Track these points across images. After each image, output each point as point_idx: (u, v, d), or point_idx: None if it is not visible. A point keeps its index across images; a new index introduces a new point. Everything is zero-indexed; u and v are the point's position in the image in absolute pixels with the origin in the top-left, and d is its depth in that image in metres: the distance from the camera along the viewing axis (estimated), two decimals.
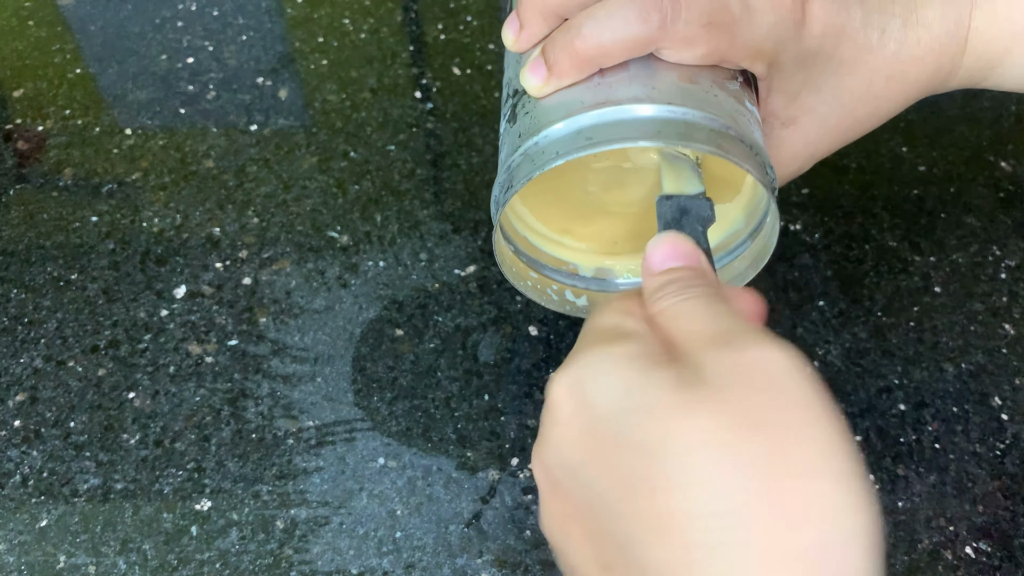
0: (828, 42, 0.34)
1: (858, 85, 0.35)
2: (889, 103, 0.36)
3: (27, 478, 0.40)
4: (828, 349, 0.44)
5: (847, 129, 0.36)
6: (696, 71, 0.31)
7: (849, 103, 0.35)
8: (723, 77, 0.32)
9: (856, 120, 0.36)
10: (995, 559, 0.38)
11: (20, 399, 0.43)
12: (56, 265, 0.47)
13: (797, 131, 0.36)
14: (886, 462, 0.41)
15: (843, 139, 0.37)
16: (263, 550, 0.38)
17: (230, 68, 0.57)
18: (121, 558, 0.38)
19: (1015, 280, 0.47)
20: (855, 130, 0.37)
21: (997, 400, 0.43)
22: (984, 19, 0.35)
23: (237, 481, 0.40)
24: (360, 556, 0.38)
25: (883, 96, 0.36)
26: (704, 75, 0.31)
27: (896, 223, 0.49)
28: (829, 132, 0.36)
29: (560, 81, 0.31)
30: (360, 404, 0.42)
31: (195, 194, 0.50)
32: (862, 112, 0.36)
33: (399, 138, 0.53)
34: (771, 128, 0.36)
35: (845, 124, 0.36)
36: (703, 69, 0.32)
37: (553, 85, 0.31)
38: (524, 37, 0.33)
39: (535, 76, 0.32)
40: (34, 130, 0.54)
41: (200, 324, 0.45)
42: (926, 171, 0.52)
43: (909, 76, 0.36)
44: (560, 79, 0.31)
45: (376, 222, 0.49)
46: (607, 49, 0.30)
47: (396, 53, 0.58)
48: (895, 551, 0.38)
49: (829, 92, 0.35)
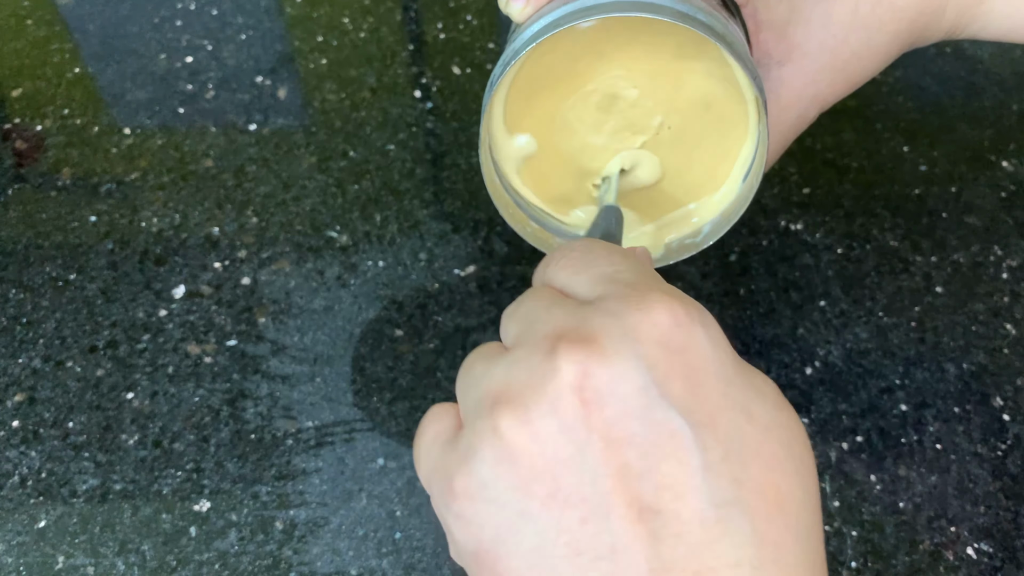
0: None
1: (844, 12, 0.35)
2: (881, 33, 0.36)
3: (25, 479, 0.40)
4: (829, 349, 0.44)
5: (845, 65, 0.36)
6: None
7: (839, 33, 0.35)
8: (712, 3, 0.33)
9: (853, 53, 0.36)
10: (997, 560, 0.38)
11: (19, 399, 0.42)
12: (55, 265, 0.47)
13: (794, 68, 0.36)
14: (887, 462, 0.40)
15: (844, 78, 0.37)
16: (262, 551, 0.38)
17: (229, 67, 0.57)
18: (120, 559, 0.38)
19: (1017, 280, 0.47)
20: (855, 67, 0.36)
21: (999, 400, 0.42)
22: None
23: (236, 482, 0.40)
24: (359, 557, 0.38)
25: (872, 25, 0.35)
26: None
27: (897, 223, 0.49)
28: (827, 68, 0.36)
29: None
30: (359, 405, 0.42)
31: (194, 194, 0.50)
32: (856, 43, 0.36)
33: (399, 137, 0.53)
34: (767, 69, 0.36)
35: (841, 59, 0.36)
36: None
37: (534, 4, 0.32)
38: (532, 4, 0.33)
39: (517, 1, 0.33)
40: (32, 130, 0.54)
41: (199, 324, 0.45)
42: (927, 171, 0.52)
43: (897, 2, 0.35)
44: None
45: (376, 222, 0.49)
46: None
47: (396, 52, 0.58)
48: (896, 552, 0.38)
49: (817, 22, 0.35)
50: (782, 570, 0.21)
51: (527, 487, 0.21)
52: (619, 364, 0.21)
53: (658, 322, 0.22)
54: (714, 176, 0.36)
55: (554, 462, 0.21)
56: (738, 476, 0.21)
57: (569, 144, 0.36)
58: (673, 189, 0.36)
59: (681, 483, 0.21)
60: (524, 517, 0.21)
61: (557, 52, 0.33)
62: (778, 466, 0.21)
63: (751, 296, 0.46)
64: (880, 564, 0.38)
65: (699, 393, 0.22)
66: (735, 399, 0.22)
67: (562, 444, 0.21)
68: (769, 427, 0.22)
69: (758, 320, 0.45)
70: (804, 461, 0.22)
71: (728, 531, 0.20)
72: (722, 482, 0.21)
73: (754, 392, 0.22)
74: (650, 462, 0.21)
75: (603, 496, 0.21)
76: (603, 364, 0.21)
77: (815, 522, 0.22)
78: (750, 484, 0.21)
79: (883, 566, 0.38)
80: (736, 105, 0.34)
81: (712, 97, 0.34)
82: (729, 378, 0.22)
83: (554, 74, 0.34)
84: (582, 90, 0.34)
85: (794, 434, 0.22)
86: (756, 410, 0.22)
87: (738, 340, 0.44)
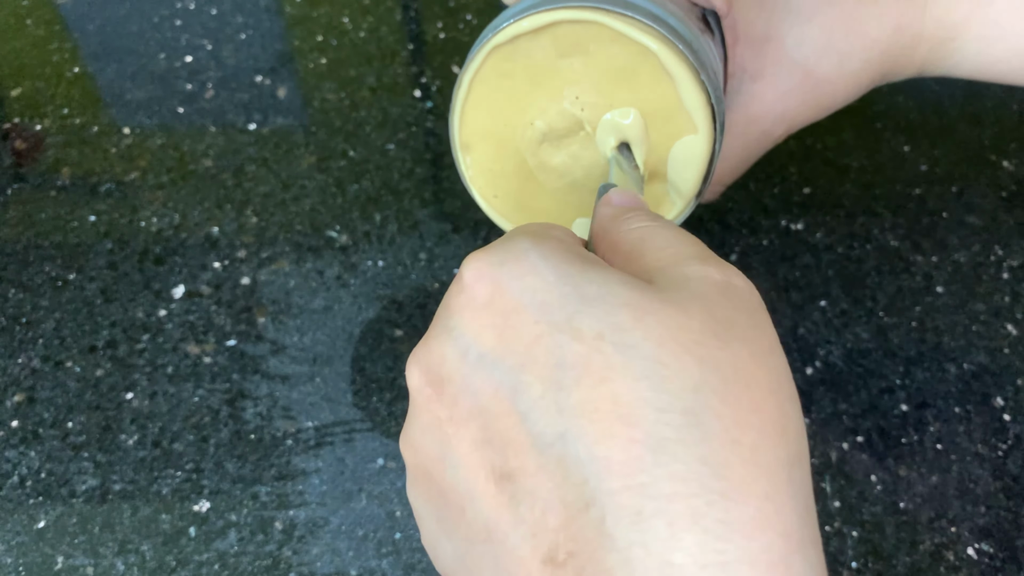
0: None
1: (818, 36, 0.36)
2: (852, 61, 0.36)
3: (25, 479, 0.40)
4: (830, 349, 0.44)
5: (815, 87, 0.37)
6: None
7: (812, 56, 0.36)
8: (691, 13, 0.33)
9: (823, 77, 0.36)
10: (997, 560, 0.38)
11: (18, 399, 0.42)
12: (54, 265, 0.47)
13: (765, 84, 0.36)
14: (888, 462, 0.40)
15: (814, 100, 0.37)
16: (262, 551, 0.38)
17: (228, 67, 0.57)
18: (119, 559, 0.38)
19: (1017, 280, 0.47)
20: (825, 91, 0.37)
21: (999, 401, 0.42)
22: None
23: (236, 482, 0.40)
24: (359, 557, 0.38)
25: (845, 52, 0.36)
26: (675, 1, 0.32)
27: (898, 223, 0.49)
28: (797, 88, 0.37)
29: None
30: (359, 405, 0.42)
31: (193, 193, 0.50)
32: (827, 68, 0.36)
33: (398, 137, 0.53)
34: (740, 83, 0.37)
35: (812, 81, 0.36)
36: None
37: None
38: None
39: None
40: (32, 129, 0.54)
41: (198, 324, 0.45)
42: (928, 170, 0.52)
43: (870, 32, 0.36)
44: None
45: (375, 222, 0.49)
46: None
47: (395, 52, 0.58)
48: (897, 552, 0.38)
49: (791, 43, 0.36)
50: (636, 493, 0.18)
51: (428, 496, 0.22)
52: (438, 348, 0.22)
53: (464, 285, 0.22)
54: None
55: (430, 464, 0.22)
56: (562, 405, 0.19)
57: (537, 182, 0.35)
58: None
59: (514, 438, 0.20)
60: (440, 524, 0.22)
61: (514, 75, 0.32)
62: (613, 374, 0.19)
63: None
64: (880, 564, 0.38)
65: (510, 335, 0.20)
66: (554, 321, 0.20)
67: (429, 444, 0.22)
68: (601, 335, 0.19)
69: None
70: (654, 355, 0.19)
71: (566, 467, 0.19)
72: (548, 418, 0.19)
73: (583, 303, 0.20)
74: (488, 427, 0.20)
75: (467, 480, 0.20)
76: (429, 352, 0.22)
77: (685, 424, 0.19)
78: (579, 407, 0.19)
79: (883, 566, 0.37)
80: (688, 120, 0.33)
81: (668, 110, 0.33)
82: (547, 302, 0.20)
83: (506, 101, 0.33)
84: (530, 123, 0.33)
85: (636, 328, 0.20)
86: (584, 322, 0.20)
87: None
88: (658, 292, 0.21)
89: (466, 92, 0.32)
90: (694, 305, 0.20)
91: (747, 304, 0.21)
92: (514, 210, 0.35)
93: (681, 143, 0.32)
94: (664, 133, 0.32)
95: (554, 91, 0.32)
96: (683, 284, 0.21)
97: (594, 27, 0.30)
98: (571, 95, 0.32)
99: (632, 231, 0.24)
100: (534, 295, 0.21)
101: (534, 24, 0.30)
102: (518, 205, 0.35)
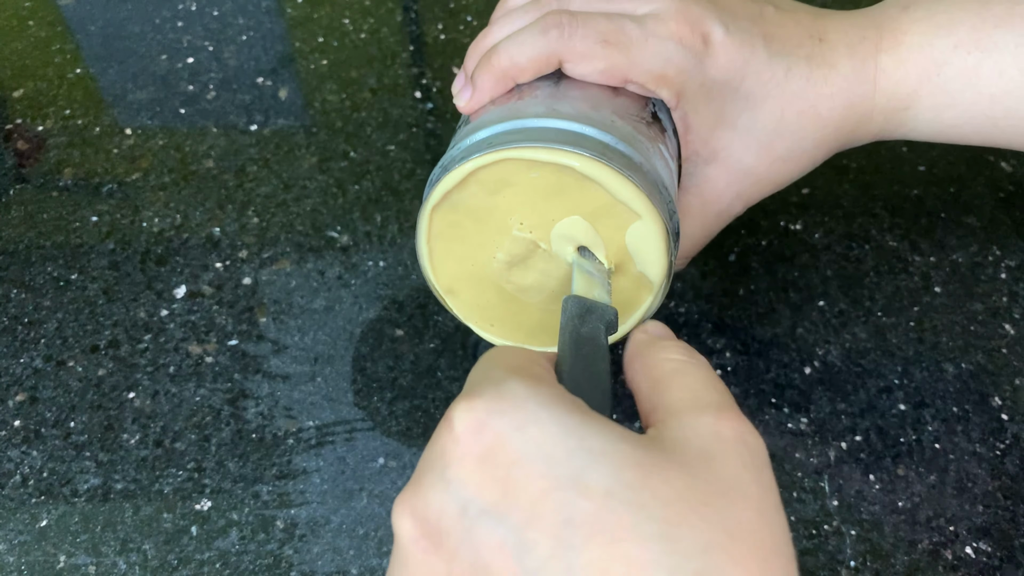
0: (734, 75, 0.35)
1: (769, 119, 0.36)
2: (805, 141, 0.37)
3: (27, 478, 0.40)
4: (828, 349, 0.44)
5: (769, 167, 0.37)
6: (599, 100, 0.34)
7: (763, 139, 0.37)
8: (630, 111, 0.34)
9: (777, 157, 0.37)
10: (995, 559, 0.38)
11: (20, 399, 0.43)
12: (56, 265, 0.47)
13: (719, 167, 0.37)
14: (886, 462, 0.41)
15: (769, 179, 0.38)
16: (263, 550, 0.38)
17: (230, 68, 0.57)
18: (121, 558, 0.38)
19: (1015, 280, 0.47)
20: (779, 169, 0.38)
21: (997, 400, 0.43)
22: (890, 61, 0.37)
23: (237, 481, 0.40)
24: (360, 556, 0.38)
25: (797, 133, 0.37)
26: (606, 105, 0.34)
27: (896, 223, 0.49)
28: (750, 170, 0.37)
29: (481, 95, 0.35)
30: (360, 404, 0.42)
31: (195, 194, 0.50)
32: (780, 148, 0.37)
33: (399, 138, 0.53)
34: (695, 166, 0.37)
35: (765, 162, 0.37)
36: (607, 99, 0.34)
37: (477, 100, 0.35)
38: (475, 99, 0.35)
39: (463, 94, 0.35)
40: (34, 130, 0.54)
41: (200, 324, 0.45)
42: (926, 171, 0.52)
43: (821, 113, 0.37)
44: (482, 94, 0.35)
45: (376, 222, 0.49)
46: (518, 63, 0.34)
47: (396, 53, 0.58)
48: (895, 551, 0.38)
49: (743, 127, 0.36)
50: None
51: None
52: (435, 498, 0.21)
53: (459, 434, 0.21)
54: None
55: None
56: (572, 564, 0.19)
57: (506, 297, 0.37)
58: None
59: None
60: None
61: (467, 205, 0.34)
62: (625, 534, 0.19)
63: (750, 296, 0.46)
64: (879, 563, 0.38)
65: (514, 489, 0.20)
66: (561, 476, 0.20)
67: None
68: (610, 492, 0.19)
69: (757, 320, 0.45)
70: (663, 516, 0.19)
71: None
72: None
73: (589, 458, 0.20)
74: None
75: None
76: (425, 503, 0.21)
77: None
78: (591, 567, 0.19)
79: (882, 565, 0.38)
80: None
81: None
82: (553, 456, 0.20)
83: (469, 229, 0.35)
84: (493, 257, 0.35)
85: (644, 487, 0.20)
86: (592, 478, 0.20)
87: (737, 340, 0.44)
88: (662, 450, 0.21)
89: (427, 251, 0.35)
90: (700, 464, 0.21)
91: (755, 462, 0.22)
92: (512, 331, 0.37)
93: (632, 230, 0.33)
94: (612, 226, 0.33)
95: (500, 224, 0.34)
96: (692, 438, 0.21)
97: (507, 163, 0.32)
98: (515, 223, 0.34)
99: (667, 361, 0.25)
100: (539, 448, 0.20)
101: (455, 179, 0.33)
102: (514, 326, 0.37)
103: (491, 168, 0.32)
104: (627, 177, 0.31)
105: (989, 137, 0.38)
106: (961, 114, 0.37)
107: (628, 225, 0.33)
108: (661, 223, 0.33)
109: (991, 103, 0.36)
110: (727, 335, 0.45)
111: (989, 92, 0.36)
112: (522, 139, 0.32)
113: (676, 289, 0.46)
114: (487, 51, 0.35)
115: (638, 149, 0.33)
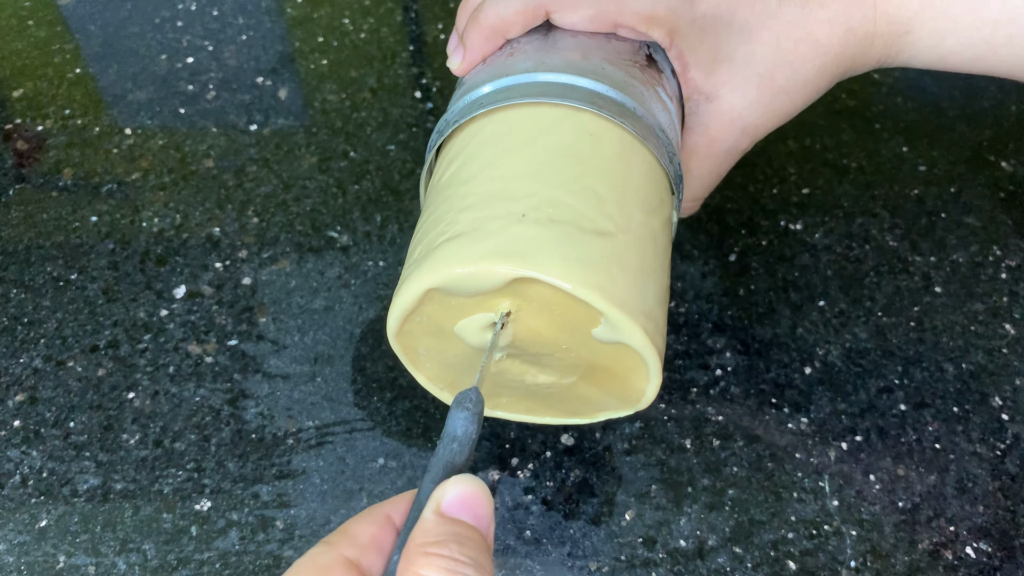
0: (725, 7, 0.35)
1: (766, 50, 0.36)
2: (806, 69, 0.37)
3: (27, 478, 0.40)
4: (828, 349, 0.44)
5: (772, 99, 0.37)
6: (590, 48, 0.34)
7: (763, 70, 0.36)
8: (623, 56, 0.34)
9: (779, 88, 0.37)
10: (995, 559, 0.38)
11: (20, 399, 0.42)
12: (56, 265, 0.47)
13: (722, 104, 0.37)
14: (886, 462, 0.41)
15: (772, 111, 0.37)
16: (263, 550, 0.38)
17: (230, 68, 0.57)
18: (121, 558, 0.38)
19: (1015, 280, 0.47)
20: (783, 101, 0.37)
21: (997, 400, 0.43)
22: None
23: (237, 481, 0.40)
24: None
25: (796, 61, 0.36)
26: (597, 52, 0.34)
27: (896, 223, 0.49)
28: (754, 103, 0.37)
29: (473, 55, 0.35)
30: (360, 404, 0.42)
31: (195, 194, 0.50)
32: (781, 79, 0.36)
33: (399, 138, 0.53)
34: (697, 105, 0.37)
35: (768, 94, 0.37)
36: (598, 47, 0.34)
37: (469, 60, 0.35)
38: (467, 60, 0.36)
39: (455, 56, 0.36)
40: (34, 130, 0.54)
41: (200, 324, 0.45)
42: (926, 171, 0.52)
43: (820, 39, 0.36)
44: (473, 53, 0.35)
45: (376, 222, 0.49)
46: (505, 17, 0.34)
47: (396, 53, 0.58)
48: (895, 551, 0.38)
49: (741, 60, 0.36)
50: None
51: None
52: None
53: None
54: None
55: None
56: None
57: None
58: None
59: None
60: None
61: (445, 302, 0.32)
62: None
63: (750, 296, 0.46)
64: (879, 563, 0.38)
65: None
66: None
67: None
68: None
69: (757, 320, 0.45)
70: None
71: None
72: None
73: None
74: None
75: None
76: None
77: None
78: None
79: (882, 565, 0.38)
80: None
81: None
82: None
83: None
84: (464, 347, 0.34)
85: None
86: None
87: (737, 340, 0.44)
88: None
89: (412, 367, 0.35)
90: None
91: None
92: (524, 398, 0.37)
93: (597, 331, 0.31)
94: (572, 324, 0.31)
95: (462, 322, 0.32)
96: None
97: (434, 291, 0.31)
98: (481, 318, 0.32)
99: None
100: None
101: (404, 310, 0.32)
102: (521, 394, 0.36)
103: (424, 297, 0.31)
104: (618, 123, 0.31)
105: (988, 66, 0.37)
106: (961, 40, 0.36)
107: (591, 326, 0.31)
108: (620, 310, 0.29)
109: (993, 29, 0.36)
110: (727, 335, 0.45)
111: (991, 18, 0.35)
112: (509, 96, 0.31)
113: (676, 289, 0.46)
114: (474, 9, 0.35)
115: (631, 94, 0.32)
